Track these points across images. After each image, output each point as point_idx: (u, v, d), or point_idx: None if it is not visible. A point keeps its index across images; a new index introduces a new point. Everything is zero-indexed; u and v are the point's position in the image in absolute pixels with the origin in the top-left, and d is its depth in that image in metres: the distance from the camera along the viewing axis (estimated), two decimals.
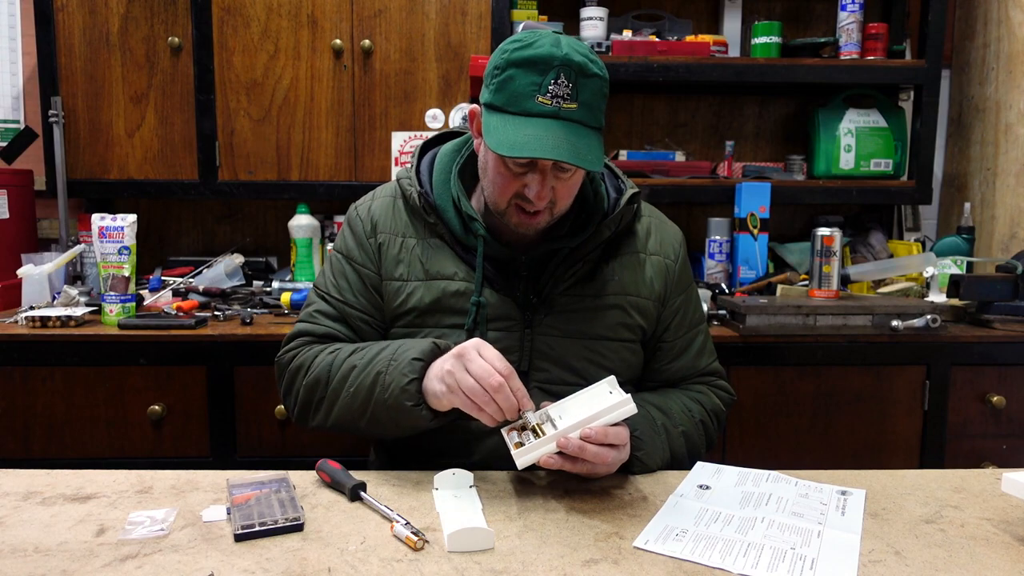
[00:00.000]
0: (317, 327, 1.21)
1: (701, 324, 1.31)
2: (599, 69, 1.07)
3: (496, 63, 1.07)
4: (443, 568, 0.82)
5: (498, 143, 1.03)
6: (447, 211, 1.18)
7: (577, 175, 1.11)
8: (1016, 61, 2.28)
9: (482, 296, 1.15)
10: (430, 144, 1.28)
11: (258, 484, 1.00)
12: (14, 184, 2.13)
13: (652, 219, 1.29)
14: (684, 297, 1.28)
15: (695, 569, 0.84)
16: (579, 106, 1.05)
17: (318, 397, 1.14)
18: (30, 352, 1.77)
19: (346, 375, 1.11)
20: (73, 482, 1.04)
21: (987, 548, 0.89)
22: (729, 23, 2.41)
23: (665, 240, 1.27)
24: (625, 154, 2.33)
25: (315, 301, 1.25)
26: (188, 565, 0.82)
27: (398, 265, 1.19)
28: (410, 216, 1.21)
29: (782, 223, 2.54)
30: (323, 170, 2.19)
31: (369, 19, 2.14)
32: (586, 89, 1.05)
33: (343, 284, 1.22)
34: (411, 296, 1.17)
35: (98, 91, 2.14)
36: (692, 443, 1.20)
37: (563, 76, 1.03)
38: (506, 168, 1.09)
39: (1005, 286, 1.92)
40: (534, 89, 1.03)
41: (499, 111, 1.06)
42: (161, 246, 2.46)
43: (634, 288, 1.21)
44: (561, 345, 1.17)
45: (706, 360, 1.30)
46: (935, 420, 1.88)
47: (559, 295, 1.17)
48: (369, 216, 1.23)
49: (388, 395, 1.05)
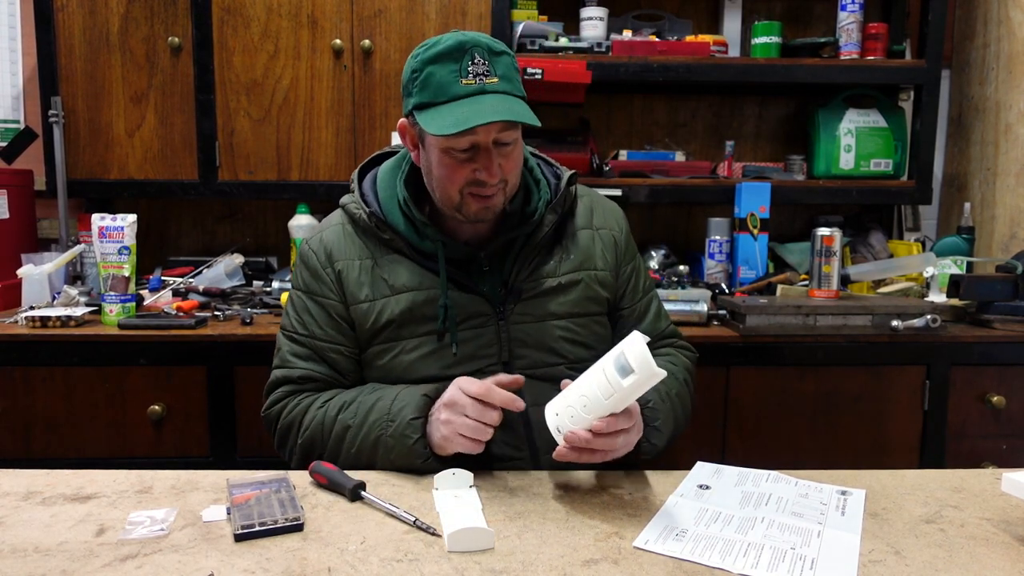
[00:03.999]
0: (293, 371, 1.22)
1: (652, 290, 1.38)
2: (504, 47, 1.13)
3: (413, 68, 1.12)
4: (443, 568, 0.82)
5: (439, 127, 1.07)
6: (399, 224, 1.20)
7: (518, 148, 1.16)
8: (1016, 61, 2.28)
9: (448, 299, 1.17)
10: (367, 167, 1.31)
11: (258, 484, 1.00)
12: (14, 184, 2.13)
13: (591, 197, 1.35)
14: (633, 264, 1.34)
15: (695, 569, 0.84)
16: (500, 79, 1.10)
17: (317, 454, 1.16)
18: (30, 352, 1.77)
19: (341, 436, 1.14)
20: (73, 482, 1.04)
21: (987, 548, 0.89)
22: (729, 23, 2.41)
23: (608, 215, 1.33)
24: (625, 154, 2.33)
25: (284, 344, 1.25)
26: (188, 565, 0.82)
27: (362, 288, 1.20)
28: (363, 238, 1.23)
29: (782, 223, 2.54)
30: (323, 170, 2.19)
31: (369, 19, 2.14)
32: (500, 64, 1.10)
33: (307, 319, 1.22)
34: (382, 313, 1.19)
35: (98, 91, 2.14)
36: (683, 403, 1.25)
37: (477, 56, 1.08)
38: (451, 158, 1.12)
39: (1005, 286, 1.92)
40: (455, 75, 1.08)
41: (429, 106, 1.10)
42: (161, 246, 2.46)
43: (590, 263, 1.26)
44: (537, 330, 1.21)
45: (664, 323, 1.37)
46: (935, 420, 1.88)
47: (524, 282, 1.21)
48: (322, 246, 1.24)
49: (395, 455, 1.09)
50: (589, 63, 2.10)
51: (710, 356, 1.42)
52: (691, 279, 2.19)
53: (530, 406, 1.15)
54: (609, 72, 2.15)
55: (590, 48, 2.19)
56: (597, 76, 2.10)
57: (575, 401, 0.99)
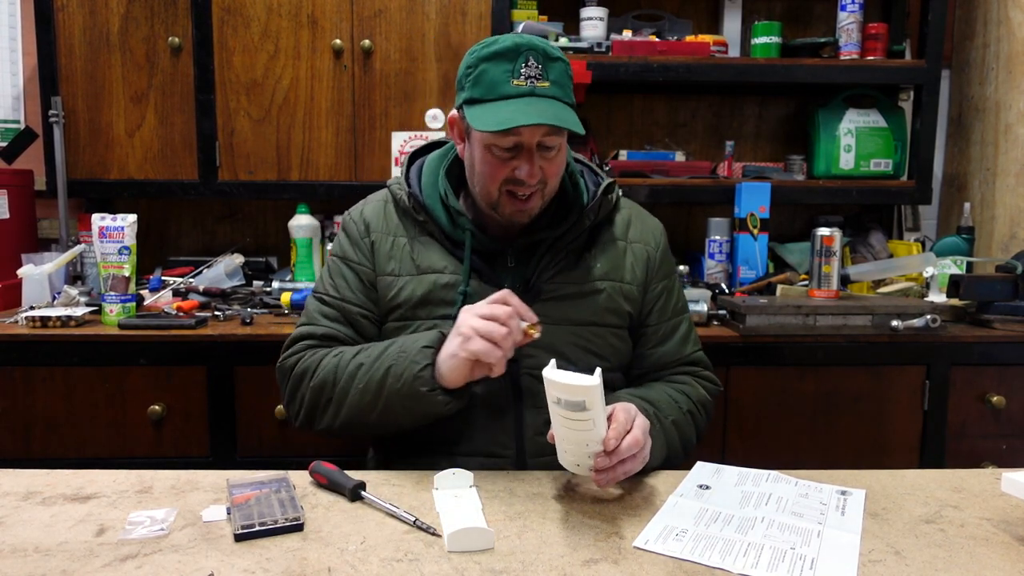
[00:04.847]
0: (317, 328, 1.24)
1: (685, 313, 1.36)
2: (561, 54, 1.15)
3: (468, 63, 1.14)
4: (443, 568, 0.82)
5: (484, 123, 1.10)
6: (435, 209, 1.24)
7: (561, 154, 1.17)
8: (1016, 61, 2.28)
9: (469, 287, 1.19)
10: (418, 154, 1.34)
11: (258, 484, 1.00)
12: (14, 184, 2.13)
13: (632, 211, 1.35)
14: (667, 283, 1.32)
15: (695, 569, 0.84)
16: (551, 84, 1.12)
17: (325, 398, 1.17)
18: (30, 352, 1.77)
19: (353, 373, 1.14)
20: (73, 482, 1.04)
21: (987, 548, 0.89)
22: (729, 23, 2.41)
23: (646, 230, 1.33)
24: (625, 154, 2.33)
25: (313, 305, 1.28)
26: (188, 565, 0.82)
27: (389, 261, 1.24)
28: (400, 217, 1.27)
29: (782, 223, 2.54)
30: (323, 170, 2.19)
31: (369, 19, 2.14)
32: (553, 70, 1.12)
33: (340, 283, 1.26)
34: (402, 290, 1.22)
35: (98, 91, 2.14)
36: (683, 433, 1.23)
37: (531, 59, 1.10)
38: (493, 156, 1.14)
39: (1005, 286, 1.92)
40: (507, 75, 1.10)
41: (479, 102, 1.12)
42: (161, 246, 2.46)
43: (617, 274, 1.26)
44: (549, 332, 1.20)
45: (691, 348, 1.33)
46: (935, 420, 1.88)
47: (546, 283, 1.22)
48: (362, 218, 1.29)
49: (401, 384, 1.09)
50: (589, 63, 2.10)
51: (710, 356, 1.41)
52: (691, 279, 2.19)
53: (527, 408, 1.15)
54: (609, 72, 2.15)
55: (590, 48, 2.19)
56: (597, 76, 2.10)
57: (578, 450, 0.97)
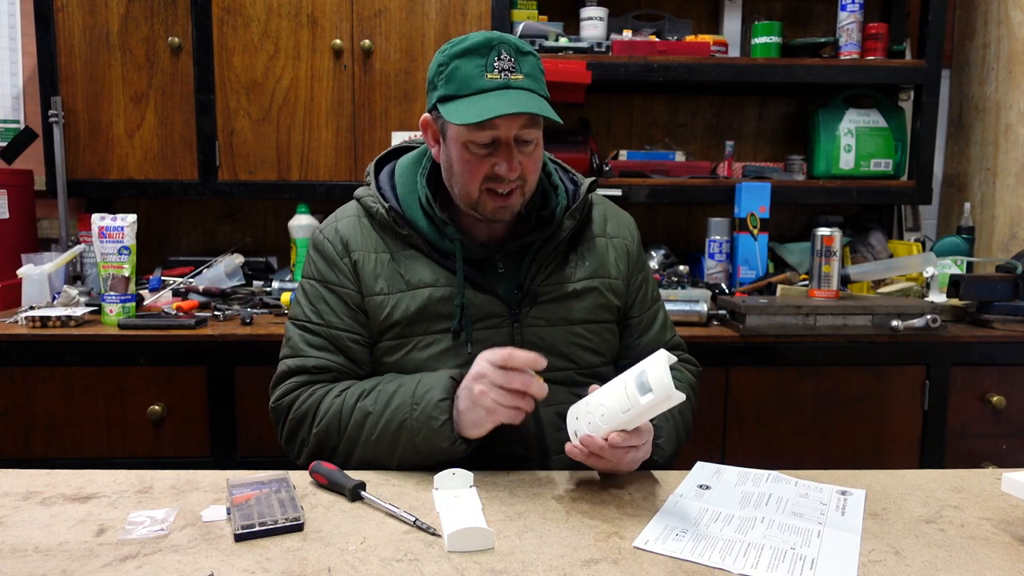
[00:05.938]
0: (306, 360, 1.18)
1: (659, 300, 1.39)
2: (531, 49, 1.14)
3: (440, 62, 1.13)
4: (443, 568, 0.82)
5: (462, 117, 1.08)
6: (419, 221, 1.19)
7: (538, 149, 1.16)
8: (1016, 61, 2.28)
9: (465, 298, 1.17)
10: (384, 160, 1.30)
11: (258, 484, 1.00)
12: (14, 184, 2.13)
13: (604, 206, 1.36)
14: (644, 274, 1.35)
15: (695, 569, 0.84)
16: (525, 77, 1.11)
17: (331, 445, 1.14)
18: (30, 352, 1.77)
19: (361, 423, 1.11)
20: (73, 482, 1.04)
21: (987, 548, 0.89)
22: (729, 23, 2.41)
23: (621, 224, 1.34)
24: (625, 154, 2.33)
25: (295, 334, 1.21)
26: (188, 565, 0.82)
27: (377, 280, 1.19)
28: (379, 231, 1.22)
29: (782, 223, 2.54)
30: (323, 170, 2.19)
31: (369, 19, 2.14)
32: (526, 63, 1.12)
33: (323, 308, 1.20)
34: (396, 308, 1.18)
35: (98, 91, 2.14)
36: (686, 421, 1.27)
37: (504, 52, 1.10)
38: (471, 153, 1.13)
39: (1005, 286, 1.92)
40: (481, 70, 1.09)
41: (454, 99, 1.10)
42: (161, 246, 2.46)
43: (604, 270, 1.27)
44: (548, 333, 1.21)
45: (670, 334, 1.37)
46: (935, 420, 1.88)
47: (539, 286, 1.21)
48: (337, 236, 1.22)
49: (420, 439, 1.07)
50: (589, 63, 2.10)
51: (710, 356, 1.41)
52: (691, 279, 2.19)
53: (541, 407, 1.15)
54: (609, 72, 2.15)
55: (590, 48, 2.19)
56: (597, 76, 2.10)
57: (594, 408, 1.02)
